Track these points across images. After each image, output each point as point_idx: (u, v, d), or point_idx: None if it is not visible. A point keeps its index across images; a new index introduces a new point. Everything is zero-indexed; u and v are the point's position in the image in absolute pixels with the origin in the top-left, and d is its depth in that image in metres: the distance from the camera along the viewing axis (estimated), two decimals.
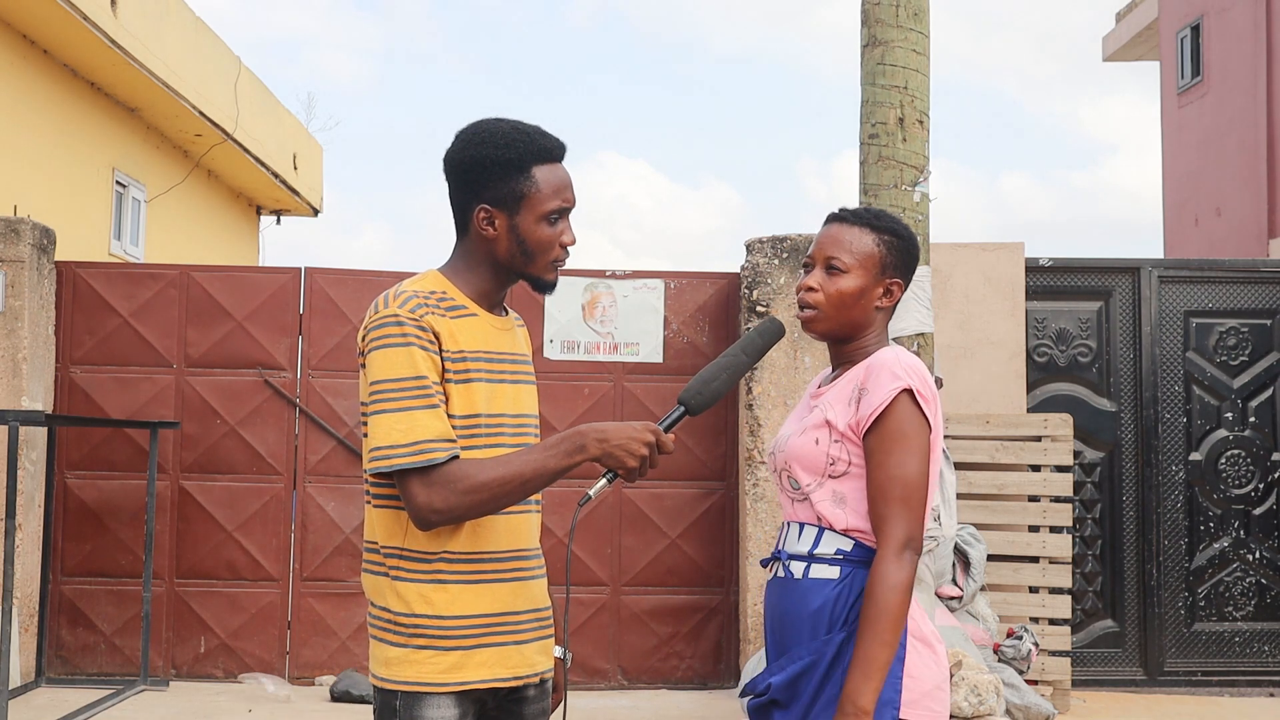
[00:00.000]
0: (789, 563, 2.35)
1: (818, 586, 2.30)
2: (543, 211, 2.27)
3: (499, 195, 2.27)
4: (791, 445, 2.35)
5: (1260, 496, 7.35)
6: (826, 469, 2.31)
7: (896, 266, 2.39)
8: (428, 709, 2.20)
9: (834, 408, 2.32)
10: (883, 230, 2.38)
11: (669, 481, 7.05)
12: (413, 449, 2.14)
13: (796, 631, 2.30)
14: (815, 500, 2.32)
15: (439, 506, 2.14)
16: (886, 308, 2.40)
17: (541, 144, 2.29)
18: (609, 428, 2.17)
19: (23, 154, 9.11)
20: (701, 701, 6.71)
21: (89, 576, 6.91)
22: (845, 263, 2.35)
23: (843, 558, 2.30)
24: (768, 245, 6.85)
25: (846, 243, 2.37)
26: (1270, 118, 12.51)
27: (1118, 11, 16.26)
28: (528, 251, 2.28)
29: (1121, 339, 7.32)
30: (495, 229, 2.28)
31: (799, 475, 2.34)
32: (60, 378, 6.99)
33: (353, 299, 7.05)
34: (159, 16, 10.09)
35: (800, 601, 2.31)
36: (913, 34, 5.28)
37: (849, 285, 2.35)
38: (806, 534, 2.34)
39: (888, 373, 2.27)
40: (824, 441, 2.31)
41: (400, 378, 2.17)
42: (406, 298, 2.22)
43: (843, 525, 2.30)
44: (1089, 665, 7.13)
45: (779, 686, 2.29)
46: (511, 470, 2.16)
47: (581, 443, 2.17)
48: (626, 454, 2.15)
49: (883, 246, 2.37)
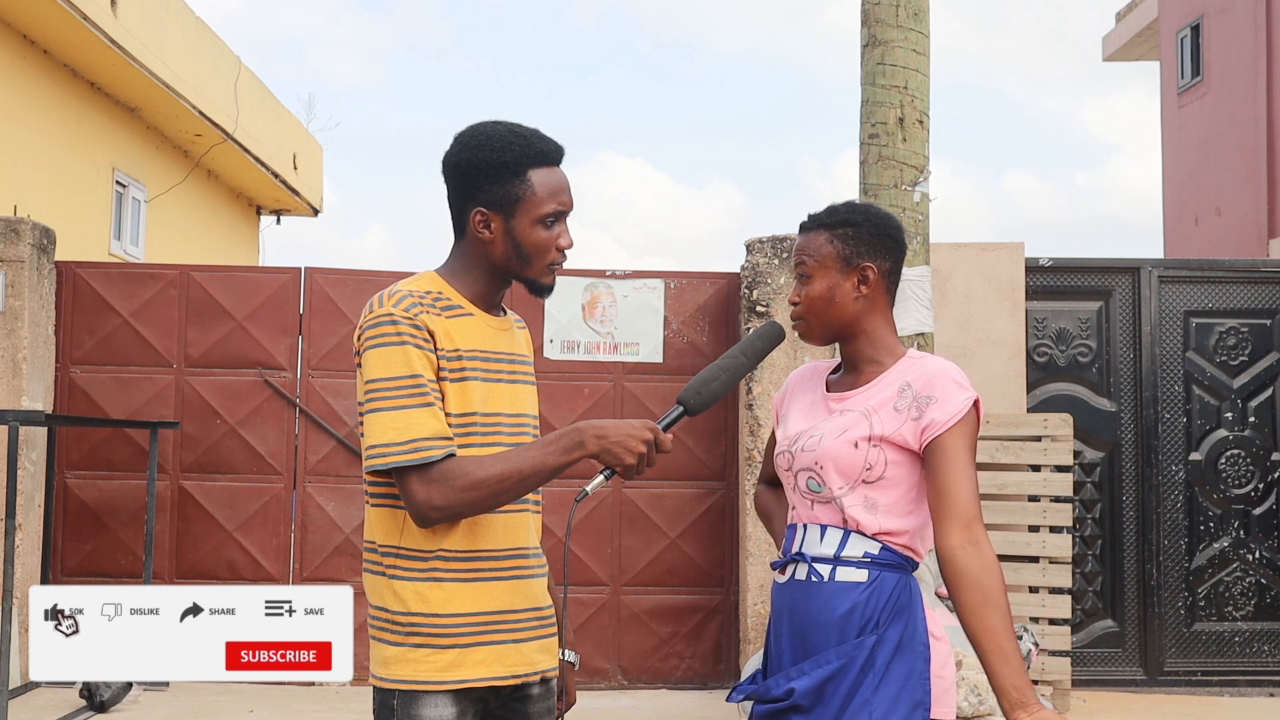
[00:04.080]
0: (813, 565, 2.33)
1: (845, 590, 2.28)
2: (538, 215, 2.27)
3: (495, 198, 2.27)
4: (828, 448, 2.32)
5: (1260, 496, 7.34)
6: (862, 474, 2.30)
7: (862, 251, 2.40)
8: (424, 708, 2.19)
9: (878, 414, 2.31)
10: (834, 225, 2.42)
11: (669, 481, 7.05)
12: (408, 447, 2.14)
13: (823, 636, 2.28)
14: (846, 504, 2.30)
15: (438, 503, 2.15)
16: (869, 294, 2.40)
17: (538, 147, 2.29)
18: (608, 425, 2.17)
19: (23, 154, 9.11)
20: (701, 701, 6.71)
21: (89, 576, 6.90)
22: (810, 267, 2.42)
23: (870, 560, 2.29)
24: (768, 245, 6.85)
25: (809, 249, 2.43)
26: (1270, 118, 12.51)
27: (1118, 11, 16.26)
28: (524, 255, 2.28)
29: (1121, 339, 7.32)
30: (491, 232, 2.28)
31: (830, 478, 2.32)
32: (60, 378, 6.99)
33: (353, 299, 7.05)
34: (159, 16, 10.10)
35: (826, 606, 2.29)
36: (913, 34, 5.28)
37: (816, 289, 2.40)
38: (830, 536, 2.32)
39: (953, 383, 2.30)
40: (863, 447, 2.30)
41: (395, 376, 2.17)
42: (401, 296, 2.22)
43: (874, 530, 2.30)
44: (1089, 665, 7.13)
45: (804, 692, 2.26)
46: (510, 466, 2.16)
47: (580, 439, 2.17)
48: (625, 450, 2.15)
49: (837, 241, 2.40)
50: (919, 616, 2.29)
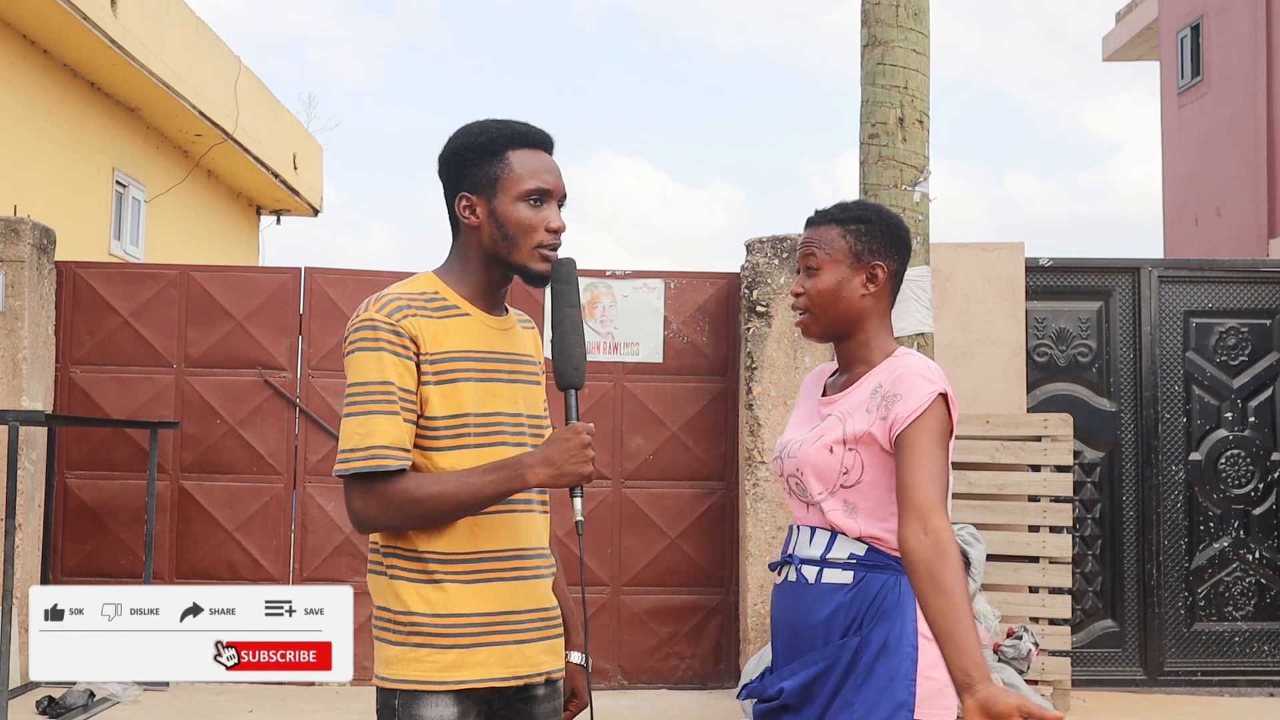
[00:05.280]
0: (801, 567, 2.34)
1: (831, 592, 2.30)
2: (519, 192, 2.27)
3: (476, 181, 2.29)
4: (805, 454, 2.34)
5: (1260, 496, 7.34)
6: (839, 479, 2.31)
7: (874, 250, 2.40)
8: (426, 708, 2.19)
9: (852, 417, 2.32)
10: (848, 221, 2.42)
11: (669, 481, 7.05)
12: (368, 453, 2.16)
13: (810, 637, 2.30)
14: (826, 509, 2.32)
15: (374, 514, 2.18)
16: (875, 293, 2.40)
17: (517, 129, 2.31)
18: (551, 453, 2.18)
19: (23, 154, 9.11)
20: (701, 701, 6.71)
21: (89, 576, 6.90)
22: (818, 260, 2.40)
23: (856, 562, 2.30)
24: (767, 245, 6.85)
25: (819, 242, 2.42)
26: (1270, 118, 12.51)
27: (1118, 11, 16.25)
28: (508, 235, 2.28)
29: (1121, 339, 7.32)
30: (477, 217, 2.29)
31: (810, 484, 2.33)
32: (60, 378, 6.99)
33: (352, 299, 7.05)
34: (159, 16, 10.09)
35: (813, 607, 2.30)
36: (913, 34, 5.28)
37: (824, 282, 2.39)
38: (818, 539, 2.34)
39: (920, 378, 2.29)
40: (838, 451, 2.31)
41: (366, 381, 2.19)
42: (387, 300, 2.24)
43: (856, 533, 2.30)
44: (1089, 665, 7.13)
45: (792, 691, 2.28)
46: (448, 489, 2.17)
47: (520, 472, 2.18)
48: (579, 464, 2.19)
49: (850, 236, 2.40)
50: (909, 617, 2.28)
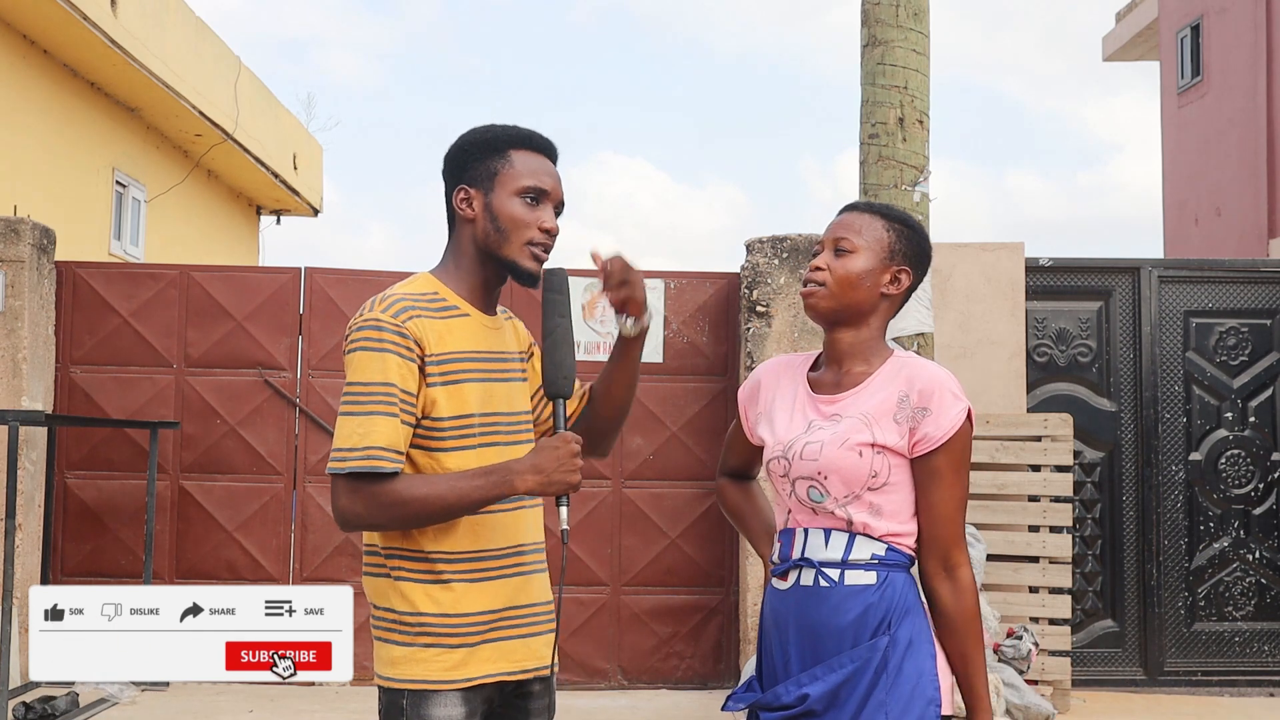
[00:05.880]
0: (822, 570, 2.30)
1: (857, 593, 2.27)
2: (516, 188, 2.30)
3: (475, 175, 2.32)
4: (830, 457, 2.29)
5: (1260, 496, 7.34)
6: (868, 481, 2.28)
7: (906, 255, 2.39)
8: (435, 707, 2.20)
9: (879, 424, 2.29)
10: (894, 219, 2.41)
11: (669, 481, 7.05)
12: (362, 454, 2.16)
13: (835, 640, 2.27)
14: (852, 511, 2.29)
15: (360, 512, 2.18)
16: (892, 296, 2.39)
17: (524, 133, 2.35)
18: (541, 461, 2.18)
19: (23, 154, 9.11)
20: (701, 701, 6.71)
21: (89, 576, 6.90)
22: (854, 244, 2.37)
23: (878, 562, 2.28)
24: (768, 245, 6.85)
25: (857, 227, 2.39)
26: (1270, 118, 12.51)
27: (1118, 11, 16.25)
28: (500, 229, 2.30)
29: (1121, 339, 7.31)
30: (473, 210, 2.32)
31: (833, 487, 2.29)
32: (60, 378, 6.99)
33: (353, 299, 7.04)
34: (159, 16, 10.10)
35: (838, 609, 2.27)
36: (913, 34, 5.28)
37: (856, 265, 2.36)
38: (836, 540, 2.30)
39: (950, 394, 2.28)
40: (868, 455, 2.28)
41: (368, 381, 2.19)
42: (393, 301, 2.24)
43: (880, 532, 2.29)
44: (1089, 665, 7.13)
45: (818, 697, 2.24)
46: (436, 492, 2.17)
47: (508, 479, 2.18)
48: (567, 473, 2.18)
49: (892, 233, 2.39)
50: (924, 613, 2.30)
